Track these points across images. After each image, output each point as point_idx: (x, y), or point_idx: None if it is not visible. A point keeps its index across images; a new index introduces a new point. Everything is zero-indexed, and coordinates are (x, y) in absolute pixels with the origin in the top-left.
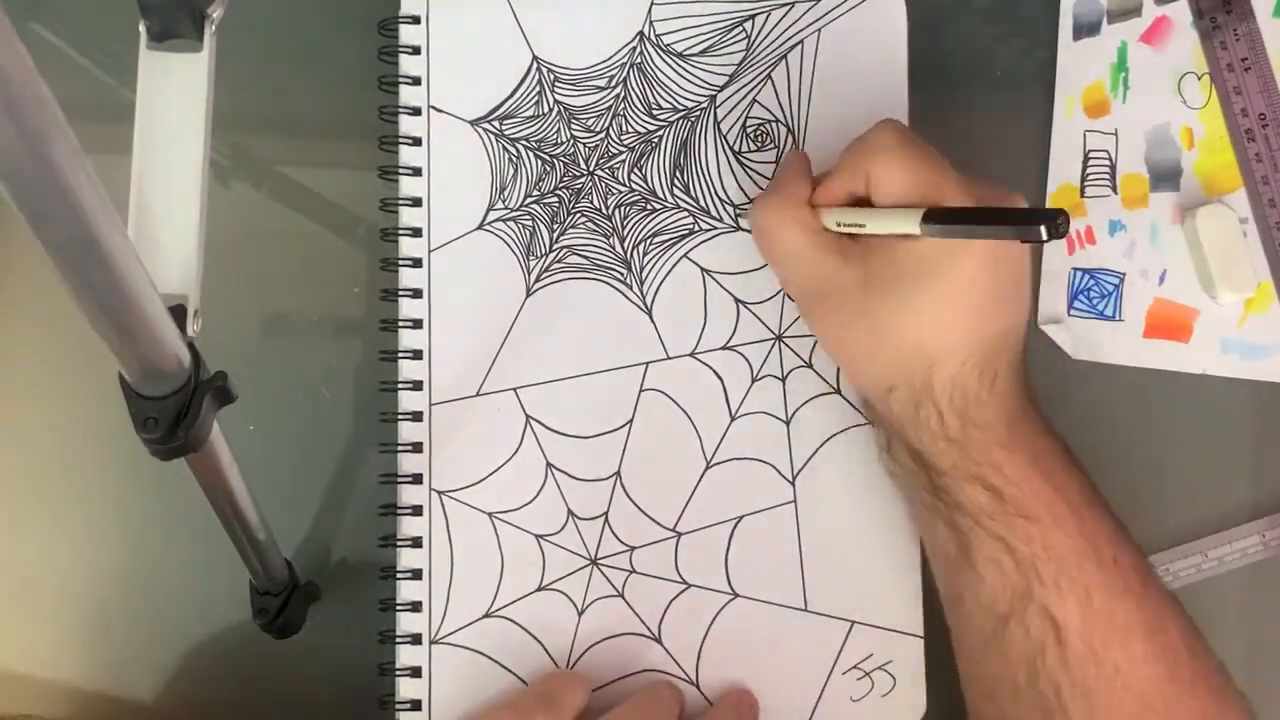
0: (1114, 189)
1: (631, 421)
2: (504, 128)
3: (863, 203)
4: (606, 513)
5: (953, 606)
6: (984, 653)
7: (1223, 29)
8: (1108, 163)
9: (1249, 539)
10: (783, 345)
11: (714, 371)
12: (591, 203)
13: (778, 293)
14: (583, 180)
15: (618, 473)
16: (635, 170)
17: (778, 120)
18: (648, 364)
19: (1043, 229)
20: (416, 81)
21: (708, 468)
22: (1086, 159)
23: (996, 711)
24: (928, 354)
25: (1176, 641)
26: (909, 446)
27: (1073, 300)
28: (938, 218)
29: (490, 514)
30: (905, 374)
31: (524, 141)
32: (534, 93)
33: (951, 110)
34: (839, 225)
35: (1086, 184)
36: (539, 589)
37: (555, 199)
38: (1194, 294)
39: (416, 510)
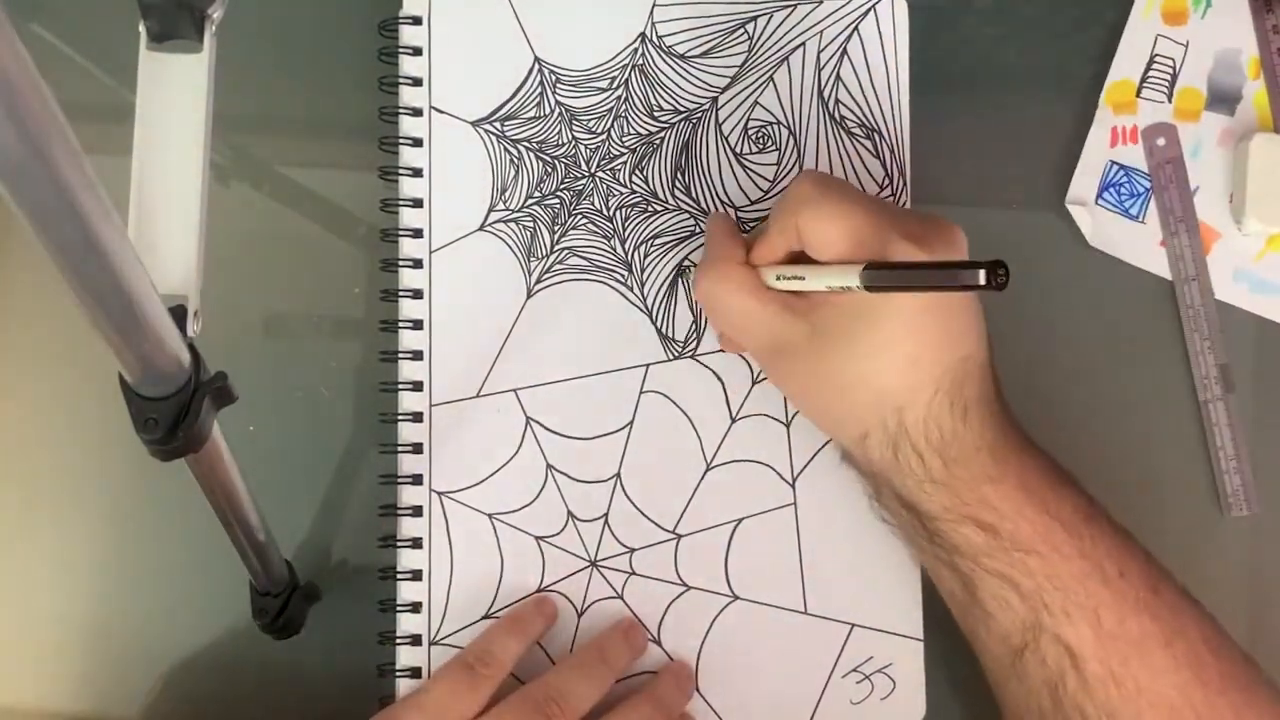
0: (1169, 98)
1: (632, 423)
2: (505, 129)
3: (800, 257)
4: (606, 514)
5: (970, 640)
6: (1005, 683)
7: None
8: (1170, 71)
9: None
10: None
11: (714, 373)
12: (592, 204)
13: None
14: (584, 182)
15: (618, 474)
16: (636, 172)
17: (779, 122)
18: (648, 366)
19: (981, 274)
20: (418, 83)
21: (708, 470)
22: (1151, 62)
23: None
24: (893, 397)
25: (1197, 645)
26: (896, 494)
27: (1102, 191)
28: (877, 275)
29: (490, 515)
30: (877, 419)
31: (525, 143)
32: (535, 94)
33: (954, 111)
34: (779, 281)
35: (1145, 85)
36: (539, 590)
37: (556, 200)
38: (1220, 217)
39: (416, 511)
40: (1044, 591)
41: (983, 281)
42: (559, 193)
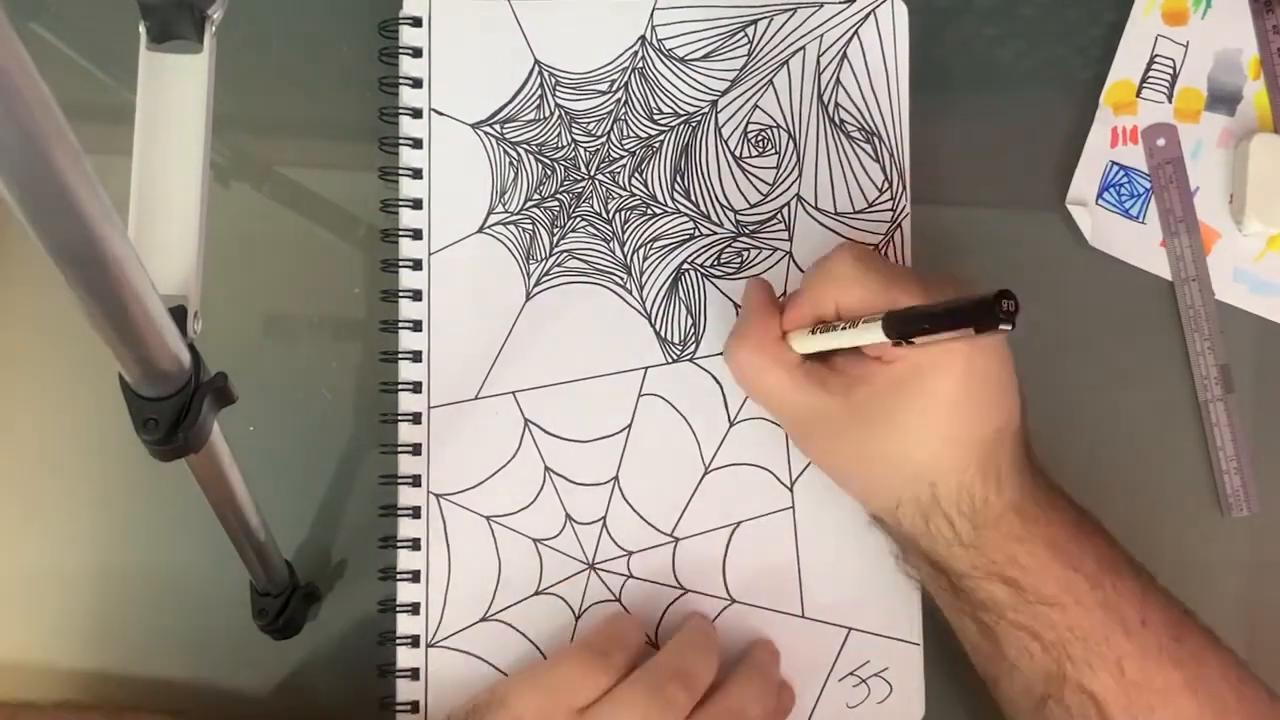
0: (1169, 98)
1: (630, 426)
2: (505, 131)
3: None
4: (604, 517)
5: (992, 688)
6: None
7: None
8: (1171, 71)
9: None
10: None
11: (713, 376)
12: (592, 207)
13: (778, 297)
14: (583, 184)
15: (616, 477)
16: (636, 175)
17: (779, 126)
18: (647, 369)
19: (1000, 321)
20: (418, 84)
21: (706, 473)
22: (1151, 62)
23: None
24: (927, 472)
25: (1220, 688)
26: (925, 555)
27: (1103, 191)
28: (897, 320)
29: (488, 518)
30: (910, 492)
31: (525, 145)
32: (535, 96)
33: (954, 111)
34: (811, 336)
35: (1145, 85)
36: (536, 593)
37: (556, 203)
38: (1220, 217)
39: (415, 512)
40: (1067, 643)
41: (1001, 325)
42: (558, 195)
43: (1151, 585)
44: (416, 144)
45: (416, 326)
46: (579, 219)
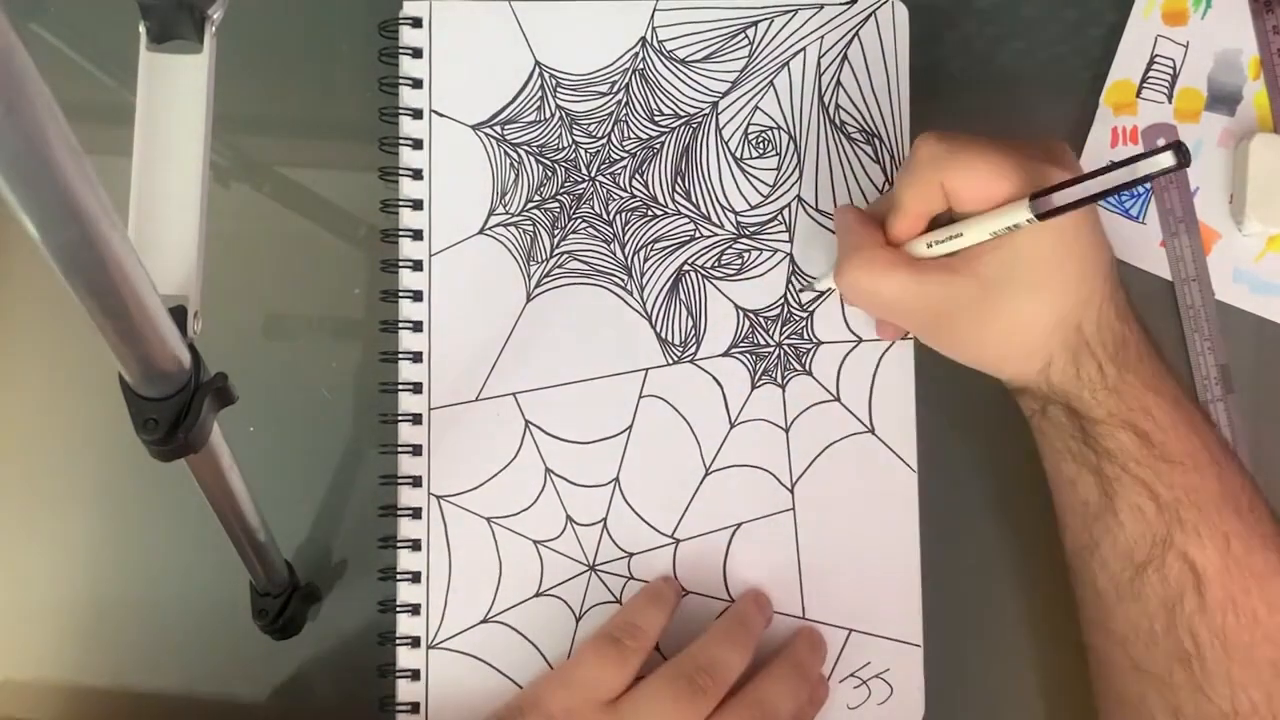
0: (1169, 98)
1: (631, 427)
2: (505, 133)
3: (937, 222)
4: (605, 519)
5: (1085, 556)
6: (1119, 601)
7: None
8: (1171, 72)
9: None
10: (783, 352)
11: (714, 378)
12: (592, 208)
13: (778, 299)
14: (584, 186)
15: (616, 479)
16: (636, 176)
17: (780, 127)
18: (647, 370)
19: (1170, 155)
20: (418, 84)
21: (707, 474)
22: (1151, 62)
23: (1128, 659)
24: (1072, 314)
25: None
26: (1065, 406)
27: None
28: (1049, 198)
29: (489, 519)
30: (1060, 341)
31: (525, 146)
32: (536, 98)
33: (954, 112)
34: (934, 247)
35: (1145, 86)
36: (537, 595)
37: (556, 204)
38: (1220, 218)
39: (415, 513)
40: (1181, 505)
41: (1172, 161)
42: (559, 196)
43: (1255, 481)
44: (417, 145)
45: (417, 327)
46: (579, 220)
